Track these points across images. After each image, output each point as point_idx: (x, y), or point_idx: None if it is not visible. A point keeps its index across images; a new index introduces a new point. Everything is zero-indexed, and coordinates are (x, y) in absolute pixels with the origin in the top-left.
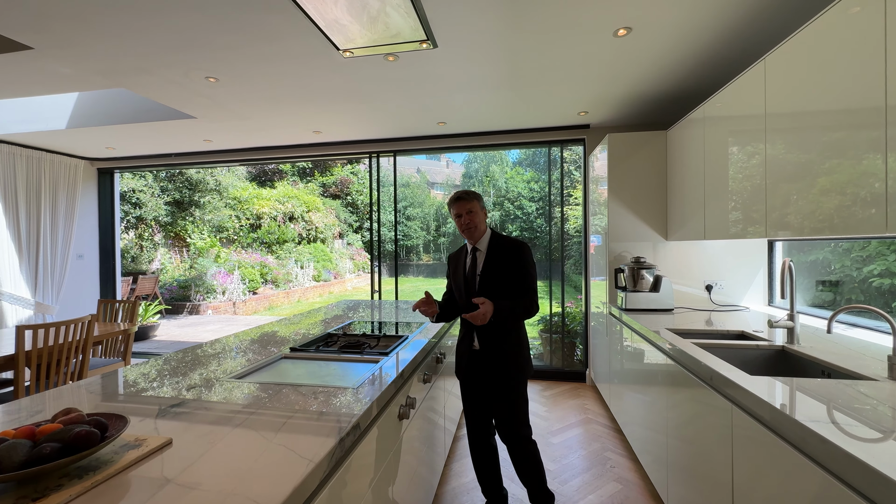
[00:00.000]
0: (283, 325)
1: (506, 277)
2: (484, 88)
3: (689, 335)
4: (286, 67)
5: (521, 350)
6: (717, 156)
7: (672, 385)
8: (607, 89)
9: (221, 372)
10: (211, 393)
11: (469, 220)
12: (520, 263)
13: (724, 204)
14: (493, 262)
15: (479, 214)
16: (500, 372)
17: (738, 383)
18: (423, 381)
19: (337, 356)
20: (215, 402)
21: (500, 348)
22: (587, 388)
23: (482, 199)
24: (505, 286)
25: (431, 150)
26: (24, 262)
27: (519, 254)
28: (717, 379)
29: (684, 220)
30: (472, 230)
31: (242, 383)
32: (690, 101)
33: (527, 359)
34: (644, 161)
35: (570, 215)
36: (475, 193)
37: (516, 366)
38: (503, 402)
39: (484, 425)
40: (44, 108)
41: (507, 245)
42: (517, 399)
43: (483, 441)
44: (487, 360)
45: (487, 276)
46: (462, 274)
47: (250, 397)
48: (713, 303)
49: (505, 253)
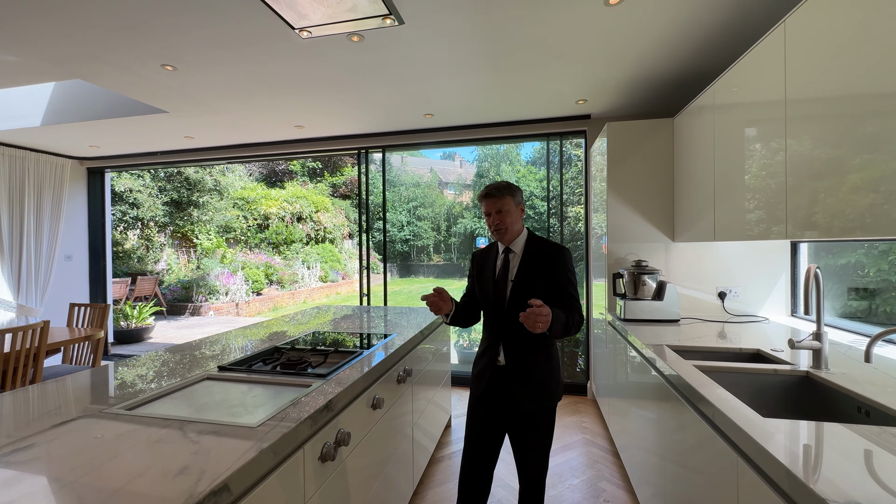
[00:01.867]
0: (239, 333)
1: (542, 286)
2: (467, 73)
3: (695, 354)
4: (245, 52)
5: (554, 370)
6: (729, 147)
7: (671, 414)
8: (607, 72)
9: (123, 396)
10: (75, 433)
11: (499, 220)
12: (561, 271)
13: (737, 201)
14: (528, 268)
15: (512, 213)
16: (529, 395)
17: (744, 429)
18: (372, 405)
19: (267, 378)
20: (65, 452)
21: (531, 366)
22: (588, 402)
23: (519, 193)
24: (543, 296)
25: (421, 144)
26: (6, 264)
27: (560, 260)
28: (718, 418)
29: (693, 219)
30: (503, 232)
31: (129, 417)
32: (700, 84)
33: (558, 381)
34: (648, 153)
35: (580, 215)
36: (509, 187)
37: (547, 387)
38: (532, 433)
39: (487, 453)
40: (20, 105)
41: (547, 249)
42: (548, 430)
43: (479, 471)
44: (515, 380)
45: (522, 284)
46: (491, 278)
47: (116, 439)
48: (727, 312)
49: (543, 258)
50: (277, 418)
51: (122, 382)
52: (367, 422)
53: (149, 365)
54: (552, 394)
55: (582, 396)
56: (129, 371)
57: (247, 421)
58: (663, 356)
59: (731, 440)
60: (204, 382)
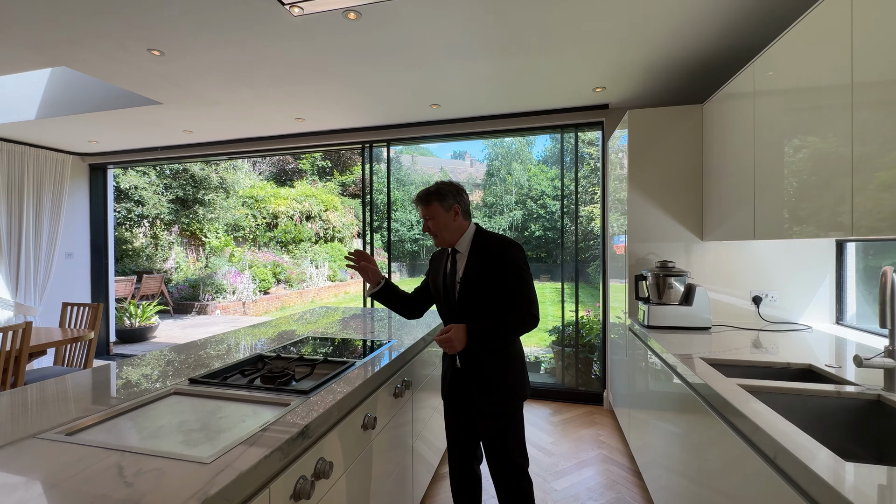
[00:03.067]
0: (232, 335)
1: (492, 285)
2: (475, 57)
3: (733, 368)
4: (234, 35)
5: (513, 369)
6: (773, 136)
7: (705, 433)
8: (628, 55)
9: (73, 414)
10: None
11: (429, 226)
12: (509, 268)
13: (783, 195)
14: (475, 268)
15: (440, 218)
16: (486, 396)
17: (825, 479)
18: (363, 425)
19: (241, 393)
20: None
21: (487, 369)
22: (604, 413)
23: (450, 195)
24: (492, 295)
25: (427, 138)
26: (4, 262)
27: (506, 256)
28: (783, 458)
29: (726, 215)
30: (437, 238)
31: (66, 446)
32: (733, 67)
33: (520, 379)
34: (674, 143)
35: (594, 214)
36: (437, 192)
37: (507, 388)
38: (491, 431)
39: (468, 451)
40: (15, 99)
41: (493, 246)
42: (508, 425)
43: (465, 469)
44: (471, 382)
45: (469, 285)
46: (441, 280)
47: (33, 479)
48: (762, 319)
49: (490, 256)
50: (240, 449)
51: (80, 394)
52: (357, 445)
53: (119, 374)
54: (513, 394)
55: (597, 406)
56: (97, 380)
57: (200, 454)
58: (696, 370)
59: (800, 486)
60: (170, 398)
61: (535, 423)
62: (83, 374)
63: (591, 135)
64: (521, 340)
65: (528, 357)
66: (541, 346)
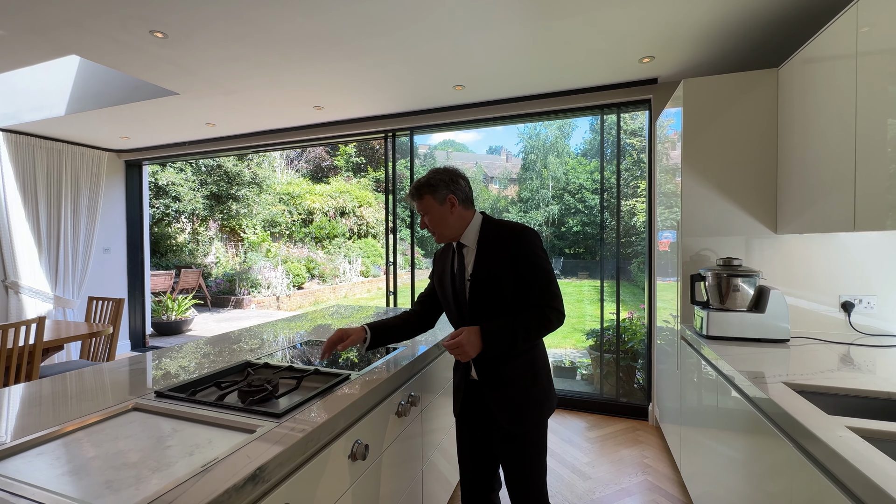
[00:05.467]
0: (245, 332)
1: (507, 279)
2: (502, 23)
3: (827, 397)
4: (237, 10)
5: (538, 378)
6: (884, 104)
7: (800, 487)
8: (683, 14)
9: (12, 432)
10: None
11: (426, 223)
12: (523, 257)
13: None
14: (485, 261)
15: (435, 211)
16: (511, 417)
17: None
18: (351, 456)
19: (206, 413)
20: None
21: (507, 379)
22: (649, 429)
23: (443, 186)
24: (508, 292)
25: (453, 125)
26: (44, 256)
27: (520, 244)
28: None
29: (811, 201)
30: (438, 234)
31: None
32: (815, 22)
33: (546, 391)
34: (739, 118)
35: (636, 208)
36: (428, 184)
37: (531, 402)
38: (519, 457)
39: (484, 477)
40: (46, 96)
41: (504, 234)
42: (537, 449)
43: (480, 499)
44: (491, 398)
45: (481, 281)
46: (449, 280)
47: None
48: (855, 329)
49: (501, 246)
50: (166, 499)
51: (29, 407)
52: (340, 481)
53: (92, 379)
54: (538, 408)
55: (641, 421)
56: (61, 389)
57: None
58: (784, 402)
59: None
60: (129, 415)
61: (569, 438)
62: (57, 378)
63: (633, 124)
64: (550, 342)
65: (563, 361)
66: (577, 348)
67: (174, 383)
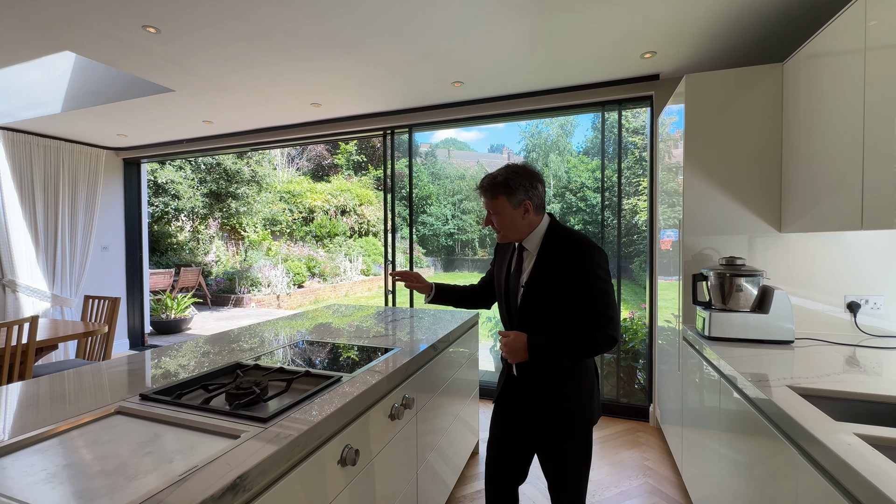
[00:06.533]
0: (230, 337)
1: (561, 295)
2: (500, 18)
3: (833, 401)
4: (230, 4)
5: (578, 392)
6: (893, 100)
7: (802, 491)
8: (686, 6)
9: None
10: None
11: (494, 222)
12: (584, 276)
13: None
14: (543, 271)
15: (506, 215)
16: (546, 414)
17: None
18: (341, 461)
19: (189, 417)
20: None
21: (548, 388)
22: (650, 430)
23: (521, 190)
24: (561, 306)
25: (452, 122)
26: (41, 254)
27: (582, 261)
28: None
29: (816, 199)
30: (502, 235)
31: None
32: (827, 15)
33: (587, 405)
34: (743, 113)
35: (638, 207)
36: (505, 184)
37: (571, 409)
38: (560, 462)
39: (506, 465)
40: (42, 94)
41: (568, 246)
42: (580, 454)
43: (505, 488)
44: (527, 395)
45: (535, 290)
46: (504, 278)
47: None
48: (861, 331)
49: (562, 261)
50: None
51: (25, 404)
52: (329, 489)
53: (78, 380)
54: (580, 420)
55: (642, 422)
56: (46, 390)
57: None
58: (788, 406)
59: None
60: (112, 419)
61: None
62: (43, 379)
63: (635, 122)
64: None
65: None
66: None
67: (160, 385)
